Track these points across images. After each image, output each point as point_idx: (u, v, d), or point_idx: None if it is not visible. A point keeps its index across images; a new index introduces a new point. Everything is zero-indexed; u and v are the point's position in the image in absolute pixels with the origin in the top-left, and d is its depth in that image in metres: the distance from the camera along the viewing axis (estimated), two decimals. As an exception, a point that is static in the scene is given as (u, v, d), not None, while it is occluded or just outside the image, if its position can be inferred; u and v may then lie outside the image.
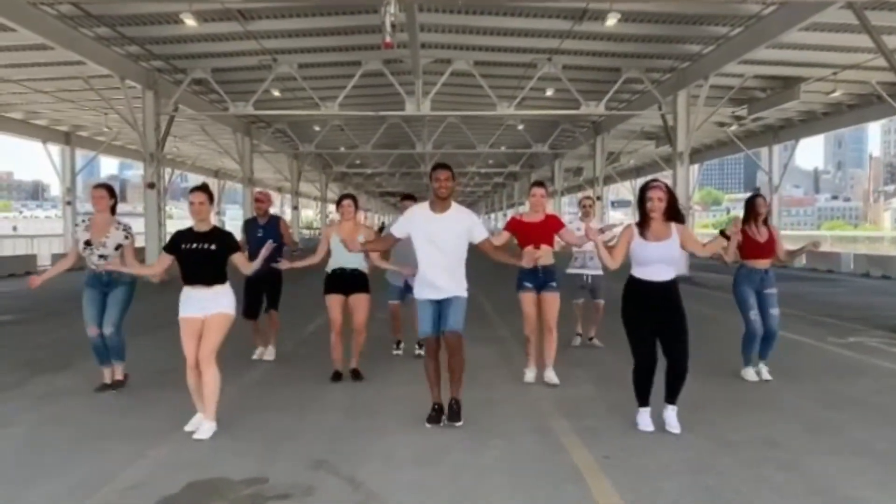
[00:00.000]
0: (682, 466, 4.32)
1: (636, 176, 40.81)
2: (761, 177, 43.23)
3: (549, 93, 22.04)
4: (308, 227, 63.05)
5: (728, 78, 19.01)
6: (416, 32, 14.42)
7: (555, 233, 6.48)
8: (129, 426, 5.23)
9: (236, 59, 18.84)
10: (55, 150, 29.12)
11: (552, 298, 6.47)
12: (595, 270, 8.25)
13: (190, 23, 15.02)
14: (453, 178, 5.20)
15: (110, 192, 6.30)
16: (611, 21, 14.69)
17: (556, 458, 4.48)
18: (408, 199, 7.73)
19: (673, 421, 5.01)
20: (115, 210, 6.33)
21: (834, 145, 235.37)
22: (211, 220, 5.26)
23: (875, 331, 9.86)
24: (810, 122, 25.92)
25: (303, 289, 10.29)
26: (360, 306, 6.69)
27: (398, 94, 20.09)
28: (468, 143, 30.85)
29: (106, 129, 27.04)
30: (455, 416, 5.24)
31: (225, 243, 5.19)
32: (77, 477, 4.17)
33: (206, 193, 5.23)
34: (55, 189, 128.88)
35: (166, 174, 26.35)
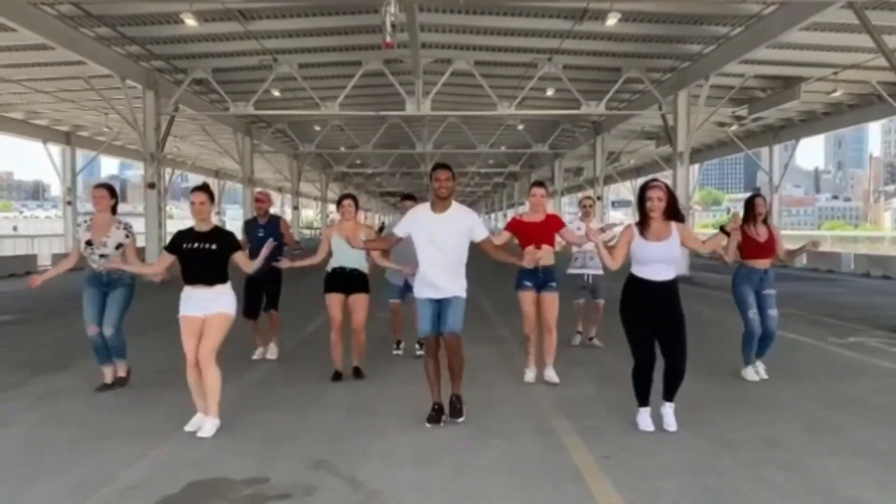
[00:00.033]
0: (683, 466, 4.32)
1: (636, 176, 40.81)
2: (761, 177, 43.22)
3: (550, 93, 22.05)
4: (308, 227, 63.07)
5: (728, 78, 19.01)
6: (417, 32, 14.43)
7: (555, 232, 6.48)
8: (129, 426, 5.23)
9: (237, 59, 18.85)
10: (55, 150, 29.16)
11: (551, 298, 6.48)
12: (595, 270, 8.27)
13: (190, 23, 15.03)
14: (453, 178, 5.23)
15: (111, 192, 6.32)
16: (611, 21, 14.70)
17: (556, 457, 4.48)
18: (408, 198, 7.72)
19: (670, 418, 5.04)
20: (115, 210, 6.34)
21: (834, 145, 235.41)
22: (212, 220, 5.27)
23: (875, 331, 9.85)
24: (811, 122, 25.92)
25: (303, 289, 10.29)
26: (359, 306, 6.70)
27: (398, 94, 20.10)
28: (468, 143, 30.87)
29: (106, 129, 27.08)
30: (457, 412, 5.26)
31: (226, 243, 5.19)
32: (77, 477, 4.18)
33: (207, 193, 5.24)
34: (55, 189, 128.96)
35: (167, 174, 26.39)
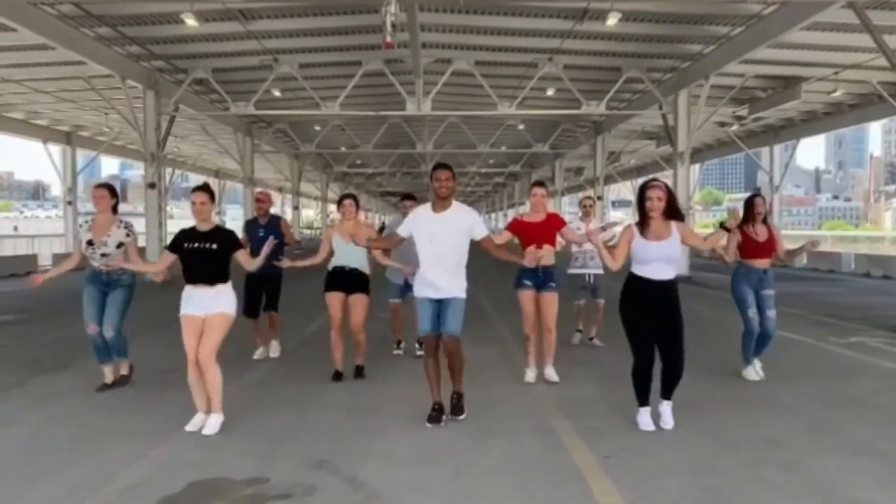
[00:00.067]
0: (683, 466, 4.32)
1: (637, 176, 40.78)
2: (762, 176, 43.20)
3: (550, 92, 22.04)
4: (309, 227, 63.07)
5: (729, 78, 19.00)
6: (417, 32, 14.43)
7: (556, 231, 6.49)
8: (129, 426, 5.23)
9: (237, 58, 18.84)
10: (56, 150, 29.17)
11: (550, 298, 6.49)
12: (596, 270, 8.29)
13: (191, 23, 15.04)
14: (454, 177, 5.25)
15: (112, 192, 6.35)
16: (611, 21, 14.70)
17: (556, 457, 4.48)
18: (408, 198, 7.72)
19: (668, 416, 5.09)
20: (116, 209, 6.37)
21: (835, 145, 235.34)
22: (213, 220, 5.29)
23: (876, 331, 9.85)
24: (811, 122, 25.91)
25: (304, 288, 10.29)
26: (358, 307, 6.69)
27: (399, 93, 20.10)
28: (469, 142, 30.87)
29: (107, 128, 27.10)
30: (457, 409, 5.30)
31: (227, 242, 5.22)
32: (78, 477, 4.18)
33: (208, 193, 5.27)
34: (56, 189, 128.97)
35: (167, 174, 26.39)
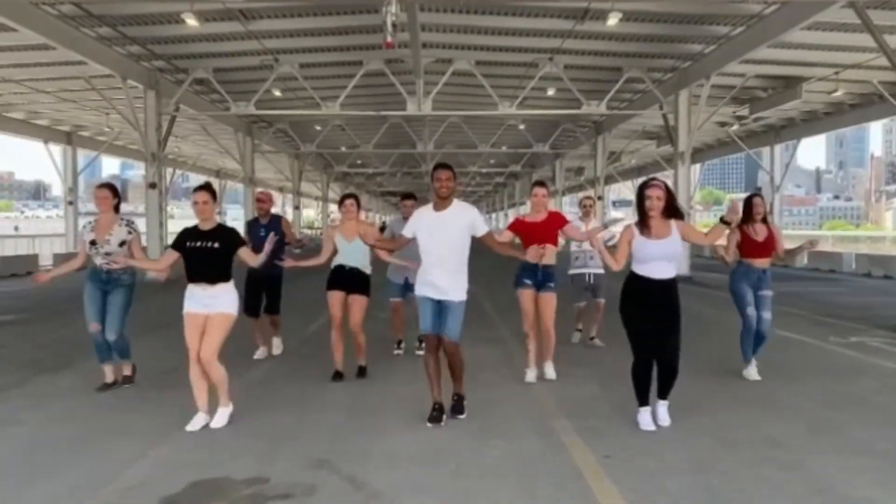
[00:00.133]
0: (684, 466, 4.32)
1: (637, 175, 40.78)
2: (763, 176, 43.21)
3: (551, 92, 22.03)
4: (309, 227, 63.08)
5: (729, 77, 19.00)
6: (418, 32, 14.43)
7: (559, 229, 6.51)
8: (130, 426, 5.23)
9: (237, 58, 18.85)
10: (57, 149, 29.20)
11: (549, 299, 6.50)
12: (596, 269, 8.33)
13: (191, 23, 15.04)
14: (454, 177, 5.27)
15: (113, 192, 6.37)
16: (612, 21, 14.70)
17: (557, 457, 4.48)
18: (408, 198, 7.74)
19: (664, 414, 5.12)
20: (118, 209, 6.40)
21: (835, 145, 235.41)
22: (215, 219, 5.32)
23: (876, 331, 9.84)
24: (812, 122, 25.90)
25: (304, 288, 10.30)
26: (356, 307, 6.69)
27: (399, 93, 20.10)
28: (469, 142, 30.88)
29: (107, 128, 27.12)
30: (458, 409, 5.34)
31: (229, 240, 5.24)
32: (78, 477, 4.18)
33: (209, 192, 5.29)
34: (56, 189, 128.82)
35: (168, 174, 26.39)
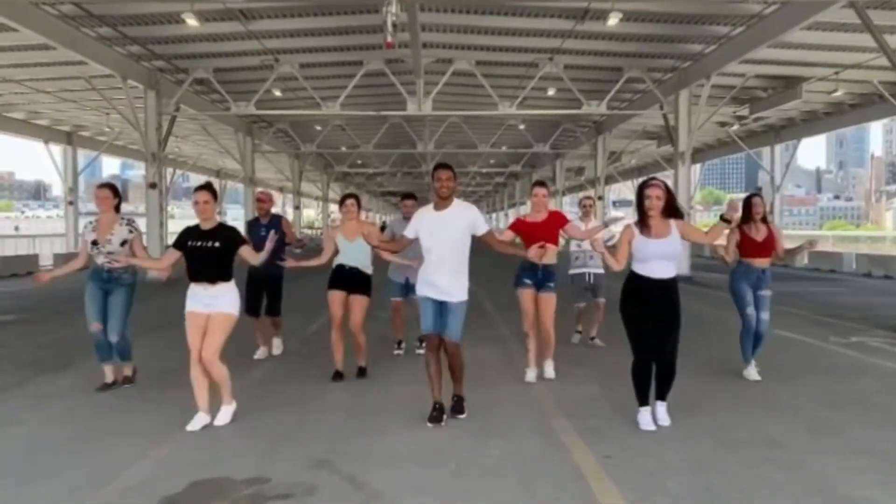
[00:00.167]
0: (684, 466, 4.32)
1: (638, 175, 40.77)
2: (763, 176, 43.21)
3: (551, 92, 22.03)
4: (310, 227, 63.07)
5: (729, 77, 19.00)
6: (418, 32, 14.42)
7: (560, 228, 6.52)
8: (130, 426, 5.23)
9: (238, 58, 18.85)
10: (57, 149, 29.22)
11: (549, 299, 6.51)
12: (596, 269, 8.34)
13: (191, 23, 15.05)
14: (454, 177, 5.28)
15: (114, 192, 6.39)
16: (612, 20, 14.70)
17: (557, 457, 4.48)
18: (408, 198, 7.74)
19: (663, 414, 5.14)
20: (119, 208, 6.42)
21: (836, 145, 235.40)
22: (216, 218, 5.34)
23: (877, 331, 9.84)
24: (812, 122, 25.90)
25: (305, 289, 10.30)
26: (356, 307, 6.69)
27: (399, 93, 20.10)
28: (469, 142, 30.88)
29: (107, 128, 27.12)
30: (458, 409, 5.36)
31: (229, 240, 5.26)
32: (78, 477, 4.18)
33: (210, 192, 5.30)
34: (57, 189, 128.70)
35: (168, 174, 26.40)
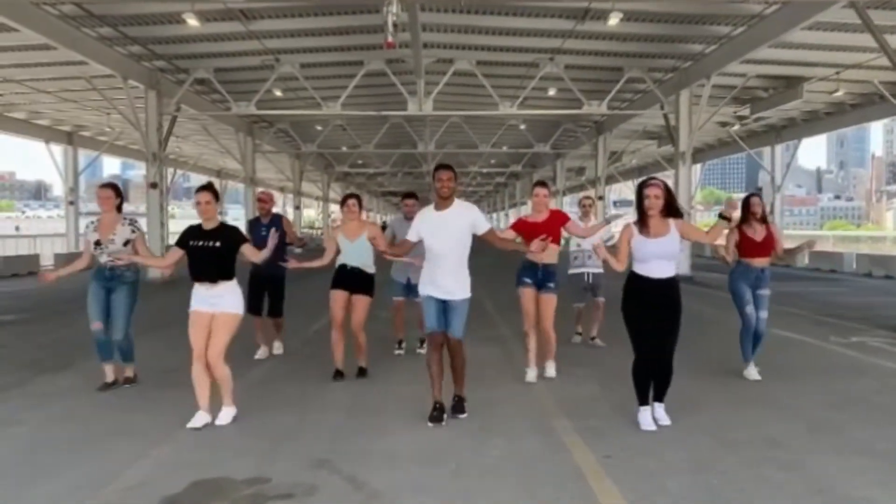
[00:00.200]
0: (684, 466, 4.33)
1: (638, 175, 40.70)
2: (763, 176, 43.19)
3: (552, 92, 22.03)
4: (310, 227, 63.06)
5: (730, 77, 18.99)
6: (419, 32, 14.42)
7: (561, 227, 6.54)
8: (130, 425, 5.24)
9: (238, 58, 18.85)
10: (58, 149, 29.20)
11: (549, 299, 6.52)
12: (595, 269, 8.35)
13: (192, 23, 15.05)
14: (455, 178, 5.30)
15: (116, 192, 6.41)
16: (613, 21, 14.70)
17: (557, 457, 4.48)
18: (409, 197, 7.75)
19: (662, 415, 5.15)
20: (121, 208, 6.44)
21: (836, 145, 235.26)
22: (218, 218, 5.37)
23: (877, 331, 9.84)
24: (813, 122, 25.88)
25: (307, 289, 10.31)
26: (359, 307, 6.71)
27: (400, 93, 20.10)
28: (470, 142, 30.88)
29: (108, 128, 27.12)
30: (459, 408, 5.38)
31: (230, 239, 5.30)
32: (79, 476, 4.18)
33: (212, 192, 5.33)
34: (58, 189, 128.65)
35: (169, 174, 26.41)
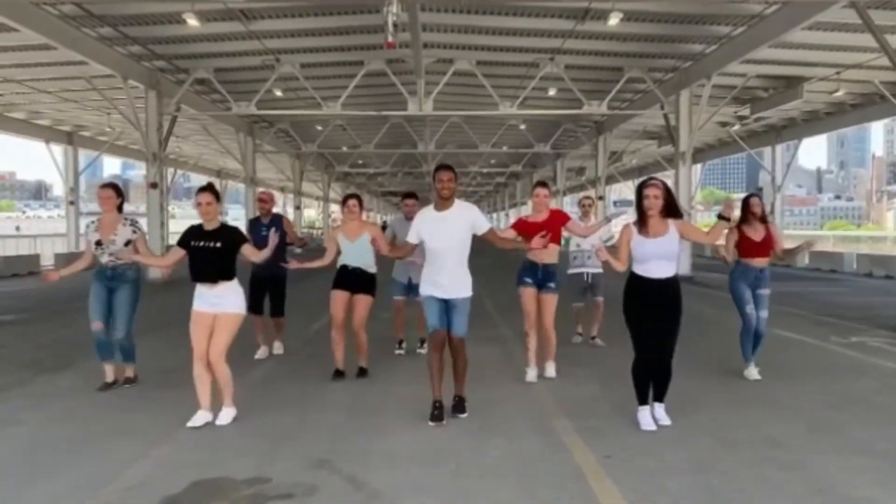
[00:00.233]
0: (684, 466, 4.33)
1: (638, 175, 40.69)
2: (764, 176, 43.19)
3: (552, 92, 22.02)
4: (310, 227, 63.06)
5: (730, 77, 18.98)
6: (419, 32, 14.41)
7: (562, 226, 6.54)
8: (130, 425, 5.24)
9: (239, 58, 18.85)
10: (58, 150, 29.22)
11: (550, 299, 6.54)
12: (595, 269, 8.35)
13: (192, 23, 15.05)
14: (455, 178, 5.31)
15: (117, 192, 6.42)
16: (613, 20, 14.69)
17: (557, 457, 4.48)
18: (409, 197, 7.75)
19: (662, 415, 5.16)
20: (122, 208, 6.44)
21: (837, 145, 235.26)
22: (219, 219, 5.38)
23: (877, 331, 9.84)
24: (813, 122, 25.87)
25: (307, 290, 10.30)
26: (360, 306, 6.72)
27: (400, 93, 20.10)
28: (470, 142, 30.87)
29: (108, 128, 27.12)
30: (460, 408, 5.39)
31: (231, 239, 5.32)
32: (78, 477, 4.18)
33: (213, 193, 5.34)
34: (58, 189, 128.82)
35: (169, 174, 26.41)
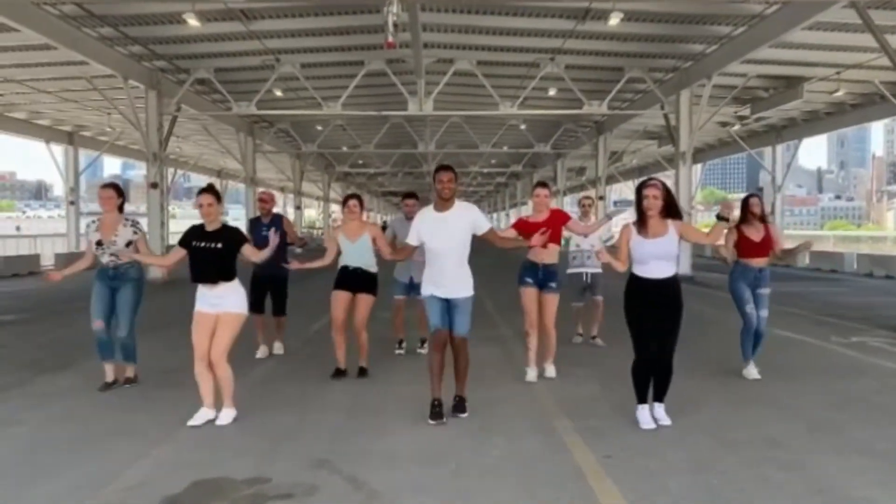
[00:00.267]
0: (684, 465, 4.33)
1: (639, 175, 40.70)
2: (764, 176, 43.19)
3: (552, 92, 22.03)
4: (310, 227, 63.06)
5: (731, 77, 18.98)
6: (419, 32, 14.41)
7: (562, 226, 6.55)
8: (131, 425, 5.24)
9: (239, 58, 18.86)
10: (58, 149, 29.23)
11: (551, 299, 6.54)
12: (594, 269, 8.35)
13: (193, 23, 15.05)
14: (456, 179, 5.33)
15: (118, 192, 6.43)
16: (613, 20, 14.69)
17: (557, 457, 4.48)
18: (409, 197, 7.76)
19: (662, 415, 5.16)
20: (122, 208, 6.45)
21: (837, 145, 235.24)
22: (220, 220, 5.40)
23: (878, 331, 9.84)
24: (813, 122, 25.87)
25: (308, 290, 10.30)
26: (361, 305, 6.73)
27: (401, 93, 20.10)
28: (470, 142, 30.88)
29: (109, 128, 27.13)
30: (460, 408, 5.40)
31: (231, 240, 5.33)
32: (78, 476, 4.19)
33: (214, 195, 5.36)
34: (58, 189, 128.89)
35: (169, 174, 26.41)
